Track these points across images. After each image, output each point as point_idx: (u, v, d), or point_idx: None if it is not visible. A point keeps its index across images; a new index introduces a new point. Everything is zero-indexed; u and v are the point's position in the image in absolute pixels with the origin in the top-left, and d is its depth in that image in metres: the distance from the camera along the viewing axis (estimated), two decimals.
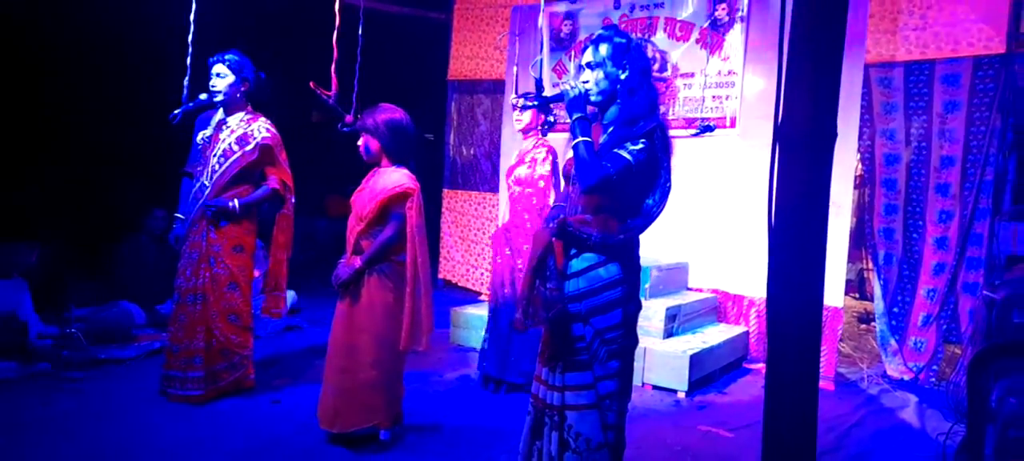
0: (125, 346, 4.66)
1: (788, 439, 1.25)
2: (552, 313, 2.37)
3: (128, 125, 5.85)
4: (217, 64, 3.85)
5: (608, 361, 2.36)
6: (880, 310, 5.09)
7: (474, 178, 7.31)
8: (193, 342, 3.79)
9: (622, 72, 2.38)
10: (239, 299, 3.91)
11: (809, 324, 1.27)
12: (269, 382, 4.20)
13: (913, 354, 4.94)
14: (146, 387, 3.96)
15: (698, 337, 4.86)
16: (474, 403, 4.13)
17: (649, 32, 5.67)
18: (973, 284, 4.70)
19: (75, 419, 3.55)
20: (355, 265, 3.20)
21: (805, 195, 1.24)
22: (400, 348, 3.19)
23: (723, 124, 5.32)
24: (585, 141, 2.31)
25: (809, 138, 1.21)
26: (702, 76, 5.38)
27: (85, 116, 5.87)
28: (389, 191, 3.20)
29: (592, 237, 2.34)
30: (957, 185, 4.77)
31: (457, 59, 7.26)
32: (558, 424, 2.40)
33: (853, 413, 4.26)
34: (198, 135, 3.99)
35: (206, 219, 3.81)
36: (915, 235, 4.98)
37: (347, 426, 3.23)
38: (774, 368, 1.26)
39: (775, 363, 1.26)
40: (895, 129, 4.98)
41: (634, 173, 2.29)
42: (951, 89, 4.75)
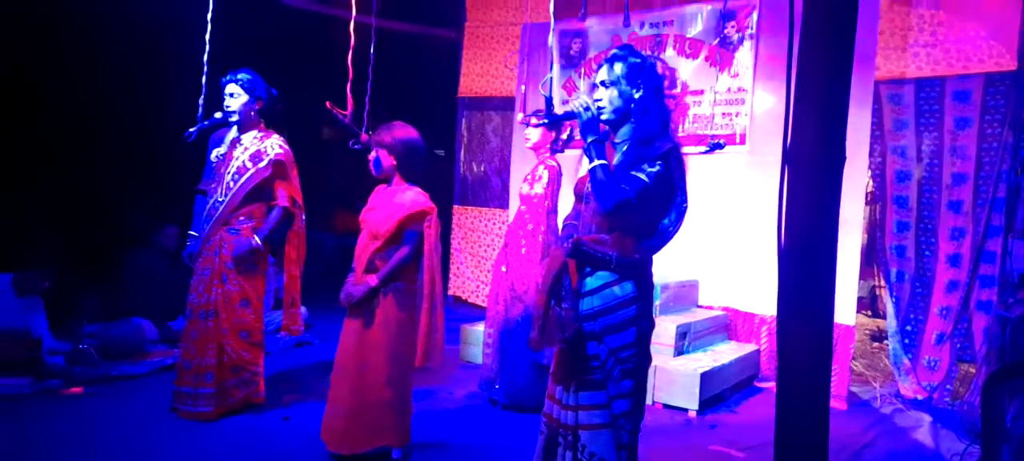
0: (137, 362, 4.68)
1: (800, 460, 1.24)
2: (567, 334, 2.37)
3: (141, 142, 5.91)
4: (230, 83, 3.89)
5: (622, 380, 2.35)
6: (893, 328, 5.05)
7: (484, 195, 7.33)
8: (205, 358, 3.80)
9: (636, 91, 2.38)
10: (251, 316, 3.93)
11: (820, 346, 1.26)
12: (279, 398, 4.21)
13: (927, 373, 4.89)
14: (157, 403, 3.98)
15: (709, 355, 4.83)
16: (483, 421, 4.12)
17: (659, 49, 5.69)
18: (987, 302, 4.66)
19: (87, 435, 3.56)
20: (371, 283, 3.19)
21: (814, 216, 1.23)
22: (416, 365, 3.19)
23: (733, 141, 5.32)
24: (601, 164, 2.31)
25: (818, 159, 1.21)
26: (712, 93, 5.38)
27: (98, 133, 5.93)
28: (408, 210, 3.21)
29: (610, 257, 2.34)
30: (969, 202, 4.74)
31: (467, 76, 7.30)
32: (572, 444, 2.39)
33: (865, 433, 4.22)
34: (212, 153, 4.03)
35: (236, 265, 3.84)
36: (927, 252, 4.94)
37: (358, 447, 3.20)
38: (785, 390, 1.25)
39: (785, 385, 1.25)
40: (906, 146, 4.96)
41: (651, 194, 2.29)
42: (962, 106, 4.74)
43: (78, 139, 5.92)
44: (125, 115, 5.97)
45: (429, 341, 3.19)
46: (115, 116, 5.96)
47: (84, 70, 5.86)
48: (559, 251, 2.43)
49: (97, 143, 5.95)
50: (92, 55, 5.80)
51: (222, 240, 3.86)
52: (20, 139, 5.61)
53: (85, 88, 5.92)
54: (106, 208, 6.01)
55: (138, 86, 5.94)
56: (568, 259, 2.40)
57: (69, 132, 5.88)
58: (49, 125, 5.81)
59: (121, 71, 5.93)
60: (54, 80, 5.81)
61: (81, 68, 5.84)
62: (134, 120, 5.92)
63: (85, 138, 5.94)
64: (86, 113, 5.89)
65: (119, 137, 5.93)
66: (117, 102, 5.94)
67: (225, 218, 3.87)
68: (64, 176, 5.88)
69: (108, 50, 5.78)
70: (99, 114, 5.92)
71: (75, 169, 5.93)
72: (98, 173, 5.97)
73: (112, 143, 5.93)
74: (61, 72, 5.82)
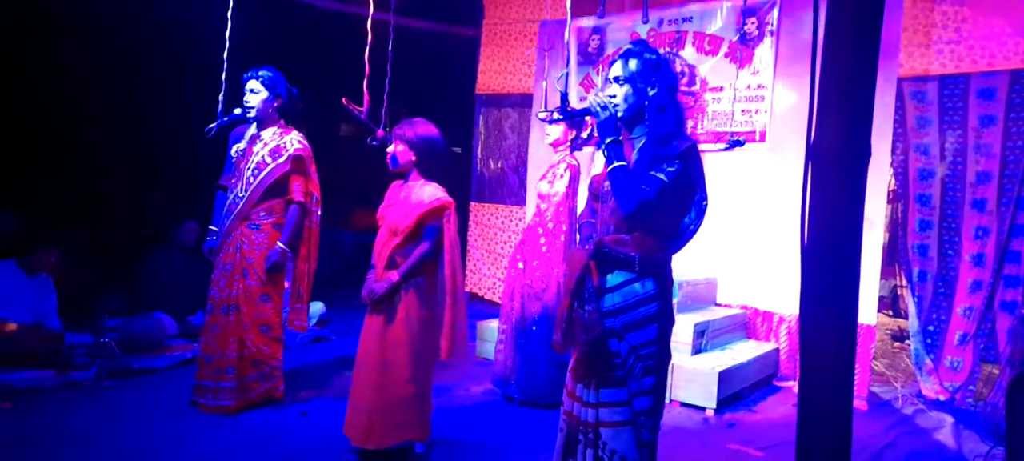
0: (157, 356, 4.74)
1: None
2: (591, 336, 2.36)
3: (161, 138, 5.98)
4: (251, 80, 3.92)
5: (643, 377, 2.34)
6: (915, 328, 4.99)
7: (501, 192, 7.33)
8: (226, 353, 3.84)
9: (651, 88, 2.37)
10: (271, 310, 3.96)
11: (843, 346, 1.24)
12: (297, 394, 4.23)
13: (949, 373, 4.83)
14: (178, 397, 4.01)
15: (727, 354, 4.80)
16: (500, 417, 4.12)
17: (678, 46, 5.65)
18: (1011, 302, 4.59)
19: (108, 428, 3.60)
20: (392, 279, 3.19)
21: (839, 214, 1.22)
22: (442, 358, 3.21)
23: (752, 138, 5.27)
24: (621, 165, 2.30)
25: (843, 156, 1.20)
26: (731, 90, 5.34)
27: (118, 129, 6.00)
28: (427, 205, 3.22)
29: (632, 258, 2.33)
30: (994, 201, 4.66)
31: (485, 73, 7.30)
32: (593, 441, 2.38)
33: (886, 433, 4.18)
34: (232, 149, 4.07)
35: (270, 271, 3.89)
36: (950, 252, 4.88)
37: (384, 443, 3.21)
38: (807, 390, 1.23)
39: (808, 385, 1.24)
40: (929, 144, 4.90)
41: (670, 194, 2.28)
42: (987, 103, 4.66)
43: (98, 135, 5.99)
44: (146, 111, 6.03)
45: (453, 335, 3.20)
46: (136, 112, 6.03)
47: (105, 68, 5.93)
48: (581, 252, 2.41)
49: (117, 139, 6.02)
50: (114, 53, 5.87)
51: (242, 235, 3.90)
52: (41, 134, 5.68)
53: (107, 85, 5.99)
54: (127, 203, 6.08)
55: (159, 83, 6.00)
56: (590, 261, 2.39)
57: (90, 128, 5.95)
58: (70, 121, 5.89)
59: (142, 68, 5.99)
60: (75, 78, 5.88)
61: (103, 66, 5.91)
62: (155, 116, 5.98)
63: (105, 134, 6.01)
64: (107, 110, 5.96)
65: (139, 133, 6.00)
66: (138, 98, 6.00)
67: (245, 213, 3.90)
68: (85, 172, 5.95)
69: (129, 47, 5.84)
70: (120, 110, 5.98)
71: (95, 165, 6.01)
72: (118, 168, 6.04)
73: (132, 139, 6.00)
74: (82, 70, 5.89)
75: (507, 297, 4.37)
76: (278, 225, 3.95)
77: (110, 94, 5.96)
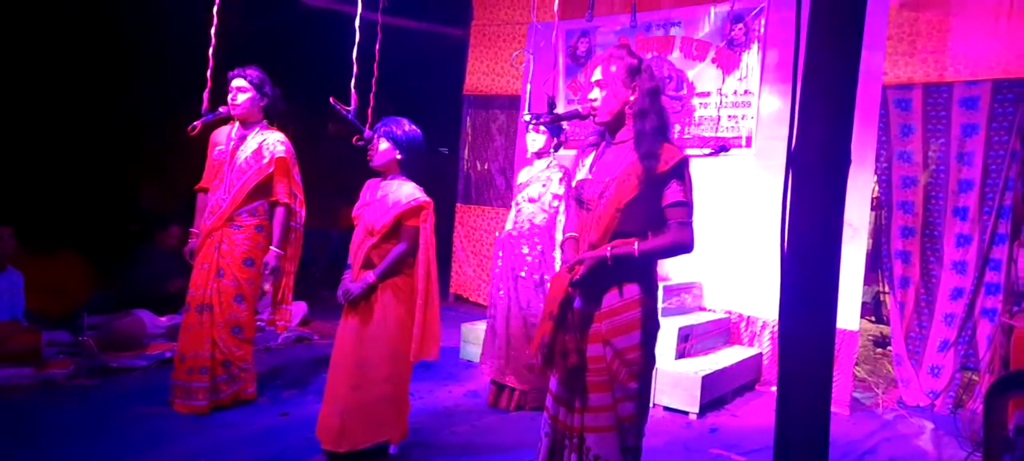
0: (137, 355, 4.68)
1: None
2: (569, 362, 2.35)
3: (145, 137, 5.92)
4: (237, 78, 3.88)
5: (628, 382, 2.33)
6: (897, 334, 5.02)
7: (488, 193, 7.32)
8: (199, 352, 3.80)
9: (631, 93, 2.37)
10: (244, 311, 3.91)
11: (821, 352, 1.24)
12: (278, 394, 4.20)
13: (930, 380, 4.87)
14: (156, 396, 3.97)
15: (710, 359, 4.81)
16: (482, 418, 4.10)
17: (666, 51, 5.67)
18: (991, 310, 4.63)
19: (86, 426, 3.56)
20: (368, 280, 3.18)
21: (819, 220, 1.21)
22: (412, 360, 3.18)
23: (739, 144, 5.29)
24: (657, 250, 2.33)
25: (823, 162, 1.19)
26: (718, 96, 5.36)
27: (103, 127, 5.94)
28: (404, 206, 3.20)
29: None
30: (975, 209, 4.71)
31: (473, 74, 7.29)
32: (577, 446, 2.37)
33: (867, 439, 4.20)
34: (214, 150, 4.02)
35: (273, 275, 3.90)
36: (932, 259, 4.91)
37: (357, 444, 3.18)
38: (785, 395, 1.23)
39: (786, 390, 1.24)
40: (912, 151, 4.94)
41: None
42: (970, 112, 4.71)
43: (83, 131, 5.93)
44: (131, 108, 5.97)
45: (424, 337, 3.17)
46: (121, 109, 5.96)
47: (89, 67, 5.87)
48: (563, 275, 2.39)
49: (101, 137, 5.95)
50: (96, 51, 5.81)
51: (223, 235, 3.86)
52: (24, 128, 5.61)
53: (92, 83, 5.93)
54: (109, 201, 6.02)
55: (144, 81, 5.94)
56: (571, 288, 2.37)
57: (74, 123, 5.89)
58: (54, 116, 5.82)
59: (127, 66, 5.93)
60: (61, 75, 5.81)
61: (86, 65, 5.84)
62: (140, 113, 5.92)
63: (90, 130, 5.95)
64: (92, 106, 5.90)
65: (123, 128, 5.93)
66: (124, 96, 5.94)
67: (229, 215, 3.86)
68: (67, 169, 5.89)
69: (112, 44, 5.78)
70: (105, 107, 5.92)
71: (78, 162, 5.94)
72: (102, 167, 5.97)
73: (116, 134, 5.94)
74: (67, 68, 5.83)
75: (495, 291, 4.35)
76: (260, 226, 3.91)
77: (95, 91, 5.90)
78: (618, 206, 2.32)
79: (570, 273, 2.35)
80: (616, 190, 2.33)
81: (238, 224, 3.87)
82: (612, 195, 2.34)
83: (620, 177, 2.33)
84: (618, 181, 2.33)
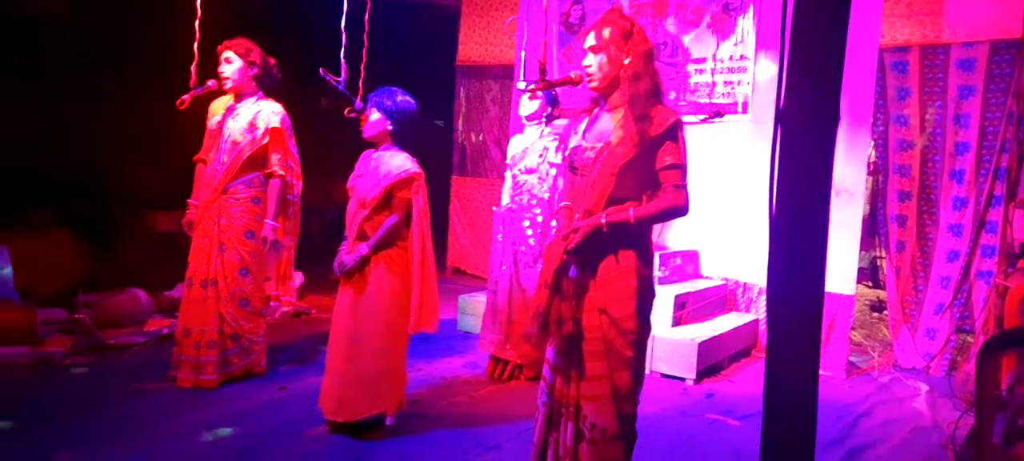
0: (135, 331, 4.69)
1: (788, 431, 1.23)
2: (566, 331, 2.35)
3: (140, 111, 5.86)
4: (225, 50, 3.85)
5: (624, 351, 2.33)
6: (893, 298, 5.04)
7: (483, 165, 7.29)
8: (206, 327, 3.81)
9: (625, 57, 2.35)
10: (250, 284, 3.92)
11: (810, 314, 1.24)
12: (277, 367, 4.22)
13: (926, 343, 4.89)
14: (156, 372, 3.98)
15: (707, 325, 4.83)
16: (481, 389, 4.12)
17: (660, 17, 5.61)
18: (987, 272, 4.64)
19: (86, 404, 3.57)
20: (362, 252, 3.18)
21: (807, 181, 1.20)
22: (410, 332, 3.19)
23: (734, 110, 5.26)
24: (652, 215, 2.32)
25: (811, 122, 1.18)
26: (713, 61, 5.32)
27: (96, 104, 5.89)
28: (395, 177, 3.18)
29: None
30: (972, 171, 4.70)
31: (466, 44, 7.22)
32: (574, 415, 2.38)
33: (863, 402, 4.23)
34: (211, 120, 4.00)
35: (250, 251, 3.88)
36: (929, 222, 4.91)
37: (353, 415, 3.21)
38: (774, 359, 1.23)
39: (775, 354, 1.23)
40: (909, 115, 4.91)
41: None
42: (966, 74, 4.67)
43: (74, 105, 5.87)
44: (124, 82, 5.92)
45: (422, 308, 3.18)
46: (113, 84, 5.91)
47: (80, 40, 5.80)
48: (558, 244, 2.37)
49: (93, 110, 5.90)
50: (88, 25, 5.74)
51: (221, 209, 3.85)
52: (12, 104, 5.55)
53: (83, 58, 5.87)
54: (103, 177, 5.99)
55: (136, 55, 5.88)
56: (566, 255, 2.36)
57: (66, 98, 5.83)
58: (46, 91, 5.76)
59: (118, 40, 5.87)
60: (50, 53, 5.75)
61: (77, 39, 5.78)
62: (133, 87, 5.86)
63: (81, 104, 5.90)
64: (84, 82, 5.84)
65: (116, 104, 5.88)
66: (116, 70, 5.88)
67: (224, 186, 3.85)
68: (61, 146, 5.85)
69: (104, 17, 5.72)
70: (97, 83, 5.86)
71: (71, 139, 5.90)
72: (94, 142, 5.93)
73: (109, 110, 5.89)
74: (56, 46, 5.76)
75: (496, 266, 4.34)
76: (256, 198, 3.90)
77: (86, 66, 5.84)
78: (613, 171, 2.30)
79: (565, 241, 2.34)
80: (610, 155, 2.31)
81: (234, 196, 3.86)
82: (607, 160, 2.32)
83: (615, 142, 2.32)
84: (613, 146, 2.32)
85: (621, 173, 2.30)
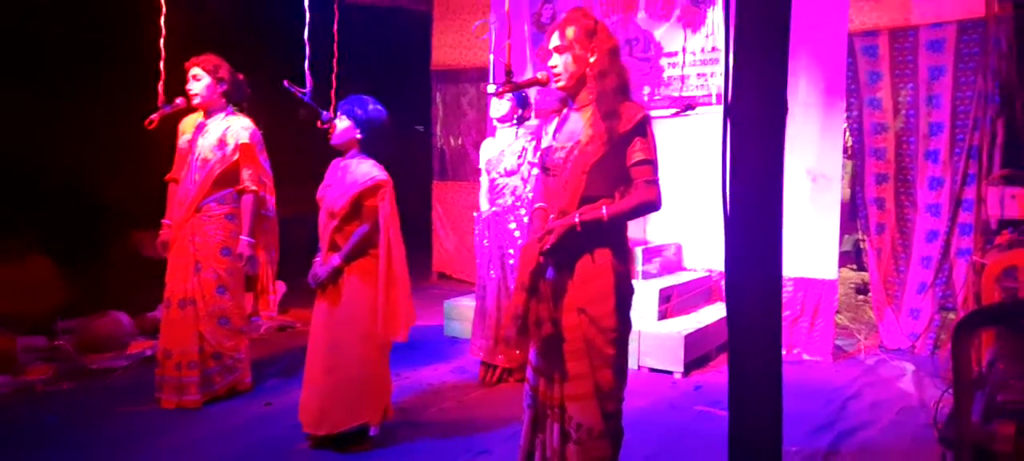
0: (117, 355, 4.64)
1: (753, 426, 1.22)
2: (544, 332, 2.34)
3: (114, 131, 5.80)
4: (193, 66, 3.82)
5: (605, 349, 2.33)
6: (875, 280, 5.07)
7: (463, 168, 7.27)
8: (186, 347, 3.77)
9: (590, 55, 2.35)
10: (229, 302, 3.89)
11: (768, 302, 1.24)
12: (263, 383, 4.18)
13: (910, 323, 4.93)
14: (140, 395, 3.94)
15: (693, 317, 4.84)
16: (468, 395, 4.11)
17: (631, 12, 5.61)
18: (966, 250, 4.68)
19: (67, 429, 3.53)
20: (334, 263, 3.16)
21: (759, 170, 1.20)
22: (378, 340, 3.16)
23: (709, 102, 5.27)
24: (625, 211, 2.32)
25: (760, 113, 1.18)
26: (685, 54, 5.34)
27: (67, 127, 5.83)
28: (361, 185, 3.15)
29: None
30: (946, 151, 4.74)
31: (439, 48, 7.20)
32: (559, 416, 2.38)
33: (850, 385, 4.26)
34: (181, 138, 3.97)
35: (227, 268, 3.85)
36: (907, 203, 4.95)
37: (335, 427, 3.17)
38: (735, 348, 1.23)
39: (736, 343, 1.23)
40: (881, 98, 4.95)
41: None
42: (936, 54, 4.71)
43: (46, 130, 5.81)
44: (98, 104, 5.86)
45: (389, 314, 3.14)
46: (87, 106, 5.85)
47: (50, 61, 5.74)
48: (533, 245, 2.37)
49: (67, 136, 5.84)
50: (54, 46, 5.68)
51: (194, 227, 3.82)
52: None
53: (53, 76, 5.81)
54: (80, 199, 5.93)
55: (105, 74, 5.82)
56: (542, 256, 2.35)
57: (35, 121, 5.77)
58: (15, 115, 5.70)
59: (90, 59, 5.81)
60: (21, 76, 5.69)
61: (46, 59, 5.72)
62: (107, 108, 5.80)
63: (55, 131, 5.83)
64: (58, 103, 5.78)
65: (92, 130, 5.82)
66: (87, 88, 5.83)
67: (197, 205, 3.82)
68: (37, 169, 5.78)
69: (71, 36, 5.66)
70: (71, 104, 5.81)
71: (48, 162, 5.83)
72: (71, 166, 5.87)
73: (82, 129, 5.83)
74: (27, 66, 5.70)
75: (484, 271, 4.32)
76: (230, 215, 3.87)
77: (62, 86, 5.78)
78: (584, 169, 2.31)
79: (540, 243, 2.34)
80: (581, 153, 2.32)
81: (208, 214, 3.83)
82: (577, 159, 2.33)
83: (584, 140, 2.32)
84: (582, 144, 2.32)
85: (592, 171, 2.30)
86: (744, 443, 1.23)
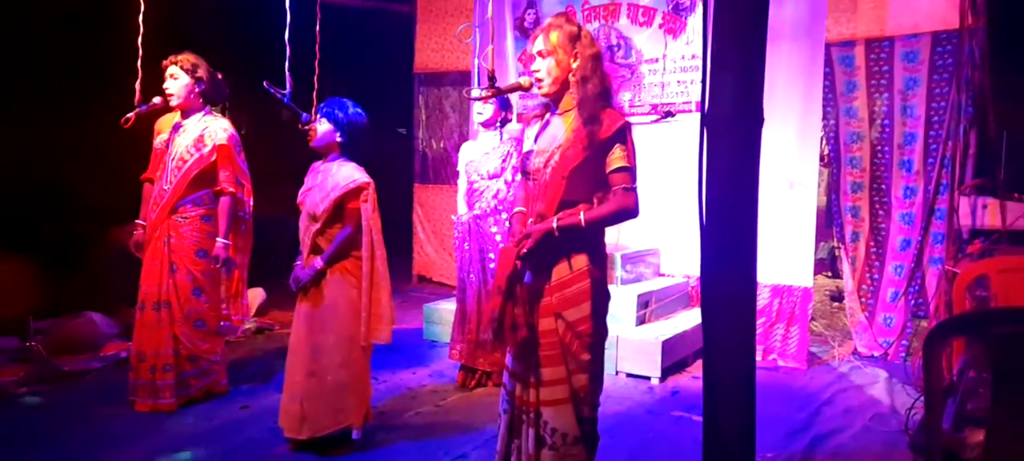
0: (91, 357, 4.57)
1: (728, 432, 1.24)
2: (520, 336, 2.35)
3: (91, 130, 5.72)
4: (170, 66, 3.77)
5: (580, 354, 2.34)
6: (849, 287, 5.14)
7: (445, 172, 7.26)
8: (160, 350, 3.73)
9: (573, 60, 2.36)
10: (204, 304, 3.85)
11: (743, 310, 1.26)
12: (240, 386, 4.15)
13: (883, 330, 5.00)
14: (114, 398, 3.89)
15: (670, 323, 4.87)
16: (447, 398, 4.10)
17: (613, 18, 5.65)
18: (938, 258, 4.75)
19: (38, 433, 3.48)
20: (316, 266, 3.15)
21: (734, 180, 1.22)
22: (361, 343, 3.15)
23: (689, 109, 5.32)
24: (603, 217, 2.32)
25: (736, 122, 1.20)
26: (667, 61, 5.38)
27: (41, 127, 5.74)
28: (343, 188, 3.14)
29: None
30: (920, 160, 4.82)
31: (422, 52, 7.19)
32: (534, 421, 2.38)
33: (824, 391, 4.30)
34: (157, 138, 3.92)
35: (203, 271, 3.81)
36: (881, 212, 5.03)
37: (317, 431, 3.15)
38: (710, 355, 1.25)
39: (711, 350, 1.25)
40: (857, 107, 5.02)
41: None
42: (911, 65, 4.79)
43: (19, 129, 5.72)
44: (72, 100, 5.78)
45: (373, 317, 3.14)
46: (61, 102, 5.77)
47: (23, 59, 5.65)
48: (511, 250, 2.37)
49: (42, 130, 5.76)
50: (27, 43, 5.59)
51: (170, 229, 3.78)
52: None
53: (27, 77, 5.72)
54: (55, 199, 5.84)
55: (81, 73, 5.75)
56: (519, 260, 2.36)
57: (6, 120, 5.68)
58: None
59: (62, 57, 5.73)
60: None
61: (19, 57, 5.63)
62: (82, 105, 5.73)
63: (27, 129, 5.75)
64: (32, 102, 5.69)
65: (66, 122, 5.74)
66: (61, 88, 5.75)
67: (172, 206, 3.78)
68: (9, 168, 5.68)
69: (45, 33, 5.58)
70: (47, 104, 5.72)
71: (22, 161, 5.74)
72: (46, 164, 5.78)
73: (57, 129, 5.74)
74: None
75: (464, 274, 4.31)
76: (206, 216, 3.83)
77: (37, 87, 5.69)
78: (564, 174, 2.32)
79: (517, 247, 2.35)
80: (561, 158, 2.33)
81: (183, 215, 3.79)
82: (558, 163, 2.34)
83: (564, 145, 2.33)
84: (563, 149, 2.33)
85: (571, 176, 2.31)
86: (719, 448, 1.25)
